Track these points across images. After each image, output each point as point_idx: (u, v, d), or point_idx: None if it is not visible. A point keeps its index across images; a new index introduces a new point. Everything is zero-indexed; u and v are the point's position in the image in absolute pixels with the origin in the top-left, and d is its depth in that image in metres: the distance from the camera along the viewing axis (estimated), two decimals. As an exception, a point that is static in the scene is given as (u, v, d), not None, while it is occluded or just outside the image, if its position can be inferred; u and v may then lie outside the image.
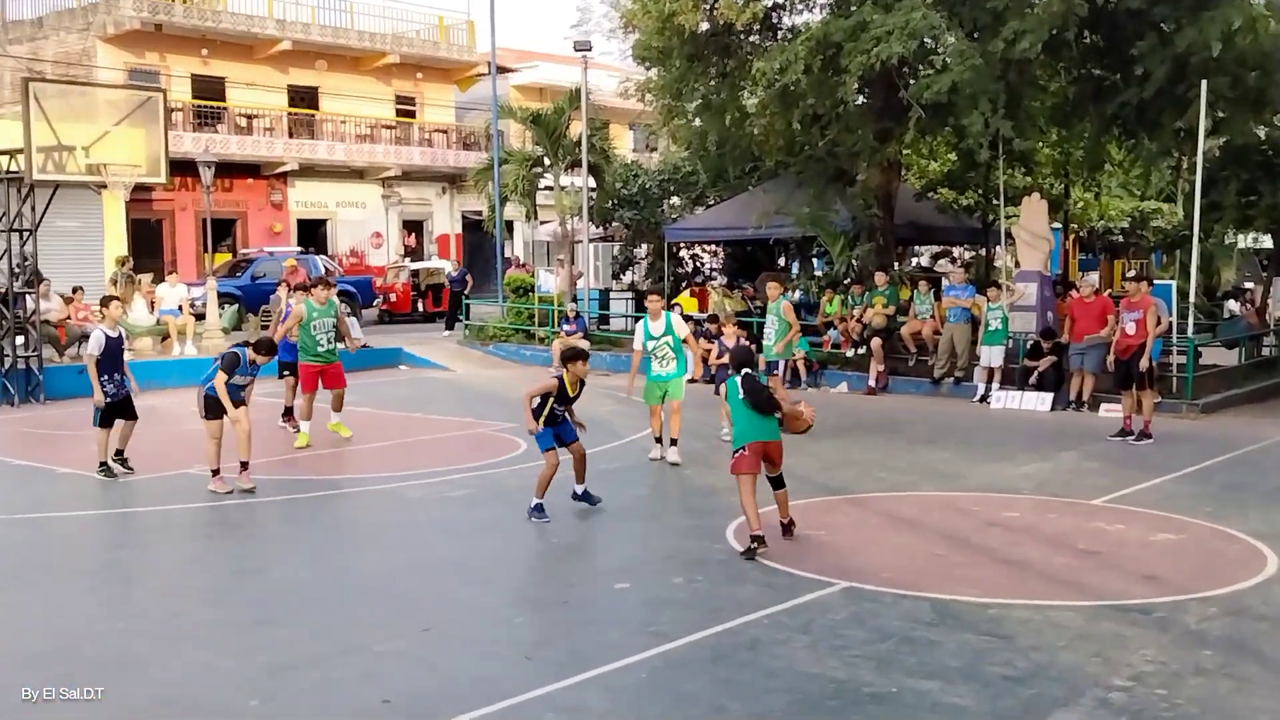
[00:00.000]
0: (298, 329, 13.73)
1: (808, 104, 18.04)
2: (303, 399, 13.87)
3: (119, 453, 11.81)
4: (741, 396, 8.79)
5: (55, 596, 7.88)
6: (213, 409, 10.62)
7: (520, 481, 11.49)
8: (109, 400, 11.51)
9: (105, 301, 12.41)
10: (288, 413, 14.66)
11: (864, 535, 9.29)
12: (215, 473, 10.78)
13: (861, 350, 19.20)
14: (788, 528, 9.05)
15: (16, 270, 17.26)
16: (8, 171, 16.84)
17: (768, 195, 21.91)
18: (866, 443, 13.77)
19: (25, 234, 17.19)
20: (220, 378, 10.51)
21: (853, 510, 10.22)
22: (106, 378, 11.59)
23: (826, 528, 9.50)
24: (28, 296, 17.55)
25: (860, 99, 19.12)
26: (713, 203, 26.70)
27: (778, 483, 8.99)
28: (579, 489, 10.28)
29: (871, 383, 18.43)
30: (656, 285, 24.68)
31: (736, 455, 8.71)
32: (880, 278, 19.53)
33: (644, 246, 28.70)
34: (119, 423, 11.80)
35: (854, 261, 20.68)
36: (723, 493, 10.89)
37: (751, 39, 20.09)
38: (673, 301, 24.85)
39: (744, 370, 9.01)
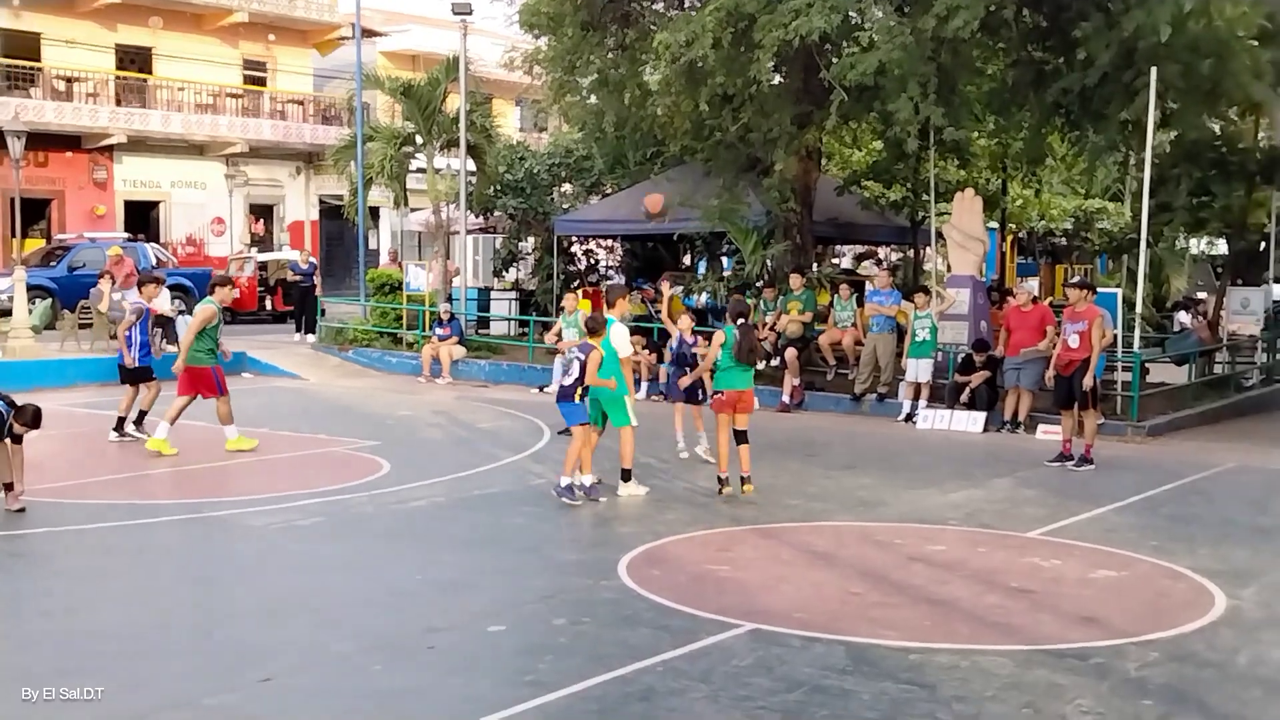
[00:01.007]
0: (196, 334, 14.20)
1: (717, 83, 18.20)
2: (183, 402, 14.37)
3: None
4: (735, 344, 11.79)
5: None
6: None
7: (379, 509, 11.39)
8: None
9: None
10: (120, 424, 15.04)
11: (773, 571, 9.35)
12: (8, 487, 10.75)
13: (774, 362, 19.37)
14: (746, 480, 11.94)
15: None
16: None
17: (672, 185, 22.07)
18: (778, 466, 13.86)
19: None
20: None
21: (761, 542, 10.29)
22: None
23: (731, 562, 9.55)
24: None
25: (776, 79, 19.33)
26: (610, 192, 26.79)
27: (741, 438, 11.91)
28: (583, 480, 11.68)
29: (785, 398, 18.61)
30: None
31: (715, 397, 12.21)
32: (796, 280, 19.76)
33: (530, 240, 28.65)
34: None
35: (768, 261, 20.90)
36: (613, 523, 10.91)
37: (655, 7, 20.25)
38: (562, 303, 24.90)
39: (740, 319, 12.03)
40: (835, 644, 7.47)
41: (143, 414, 15.22)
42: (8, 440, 10.71)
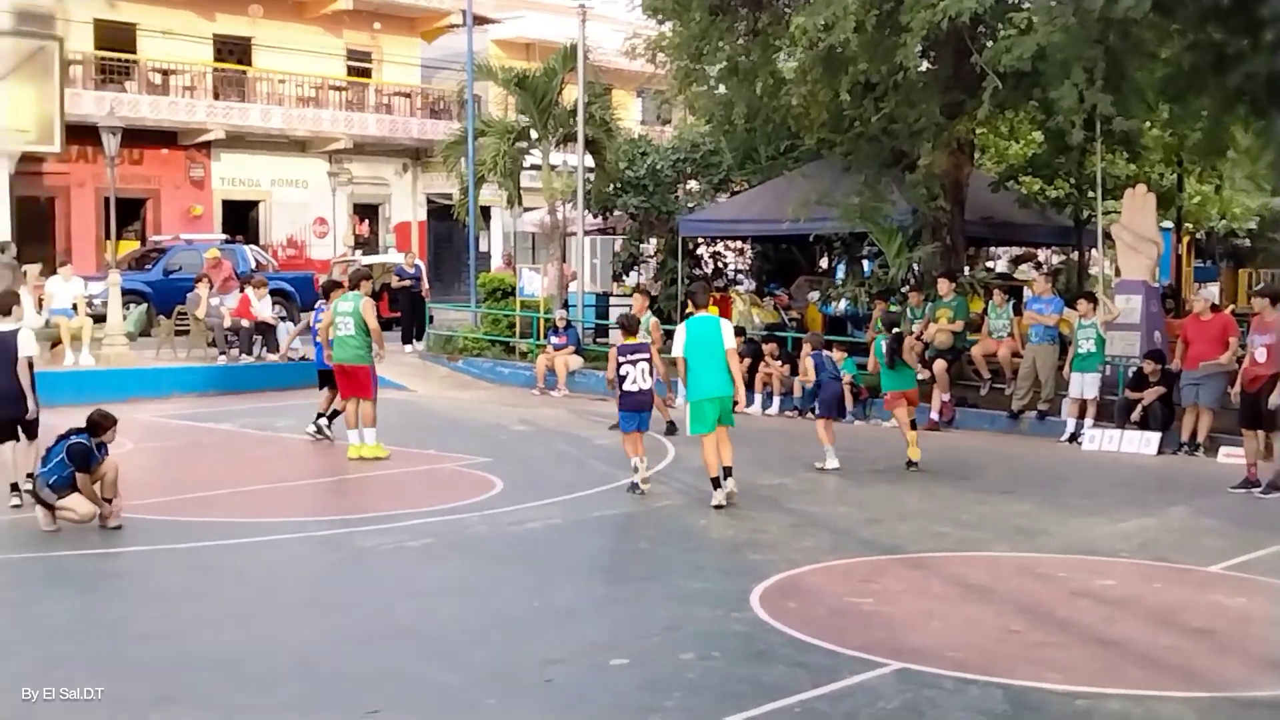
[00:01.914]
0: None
1: (858, 70, 18.08)
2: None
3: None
4: (886, 353, 14.72)
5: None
6: (64, 487, 11.00)
7: (491, 530, 11.52)
8: None
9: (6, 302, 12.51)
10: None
11: (922, 605, 9.26)
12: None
13: (923, 375, 19.19)
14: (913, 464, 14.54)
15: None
16: None
17: (807, 181, 21.95)
18: (927, 490, 13.75)
19: (-115, 212, 17.25)
20: (84, 481, 10.91)
21: (908, 574, 10.19)
22: None
23: (875, 595, 9.48)
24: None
25: (924, 65, 19.17)
26: (739, 189, 26.76)
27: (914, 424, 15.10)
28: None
29: (934, 415, 18.42)
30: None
31: (887, 396, 15.29)
32: (945, 285, 19.54)
33: (653, 242, 28.75)
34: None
35: (914, 265, 20.70)
36: (745, 549, 10.90)
37: (791, -12, 20.18)
38: (688, 310, 24.92)
39: (895, 329, 15.14)
40: (992, 687, 7.37)
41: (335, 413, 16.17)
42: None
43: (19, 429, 11.95)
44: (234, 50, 37.75)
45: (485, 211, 36.03)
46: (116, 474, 11.17)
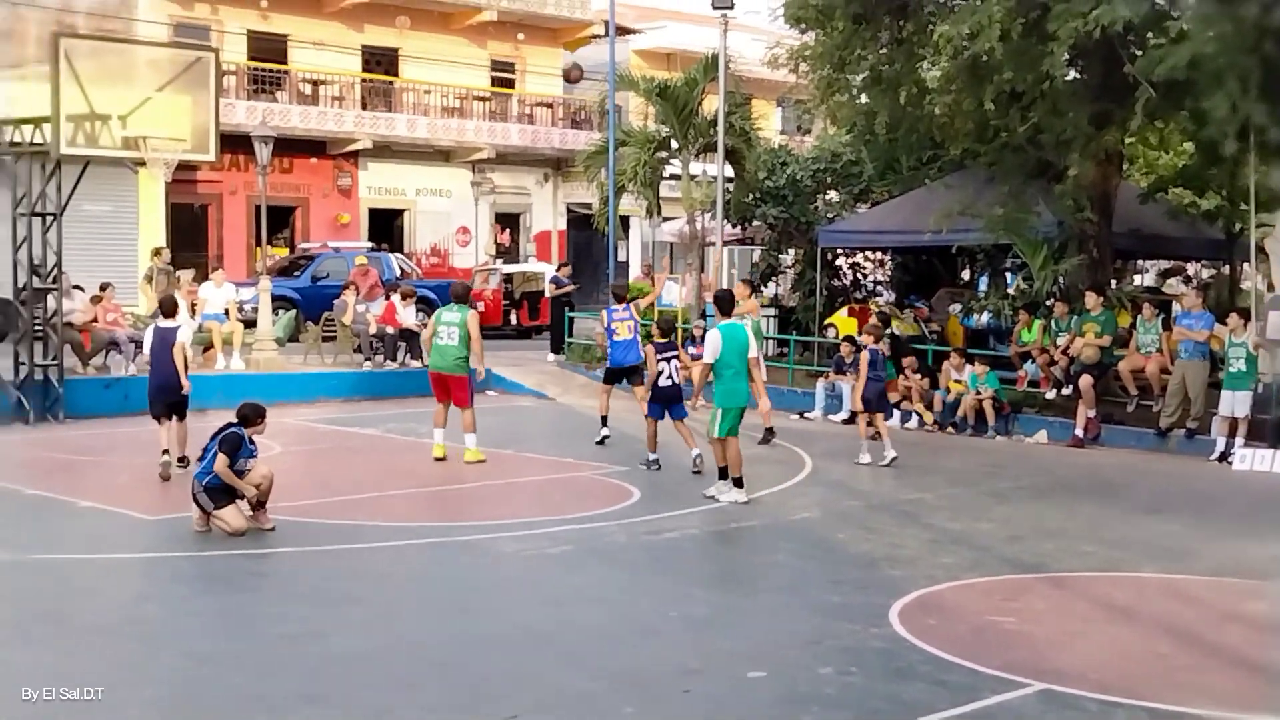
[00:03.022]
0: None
1: (1004, 79, 17.85)
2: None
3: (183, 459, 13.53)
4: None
5: (62, 656, 8.13)
6: (222, 497, 11.22)
7: (630, 539, 11.58)
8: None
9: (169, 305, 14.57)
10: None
11: (1065, 625, 9.11)
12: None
13: (1067, 390, 18.86)
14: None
15: (37, 263, 17.93)
16: (30, 143, 17.53)
17: (950, 192, 21.70)
18: (1070, 508, 13.53)
19: (49, 219, 17.87)
20: (222, 462, 11.10)
21: (1051, 593, 10.04)
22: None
23: (1017, 614, 9.35)
24: (49, 295, 18.20)
25: (1072, 74, 18.86)
26: (880, 200, 26.56)
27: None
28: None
29: (1079, 432, 18.10)
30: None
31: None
32: (1093, 299, 19.19)
33: (791, 252, 28.67)
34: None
35: (1059, 278, 20.35)
36: (883, 564, 10.82)
37: (935, -4, 20.00)
38: (827, 322, 24.82)
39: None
40: (1138, 710, 7.22)
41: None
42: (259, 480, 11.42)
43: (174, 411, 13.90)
44: (381, 61, 38.48)
45: (624, 221, 36.30)
46: (271, 484, 11.43)
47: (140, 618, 9.06)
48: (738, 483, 13.08)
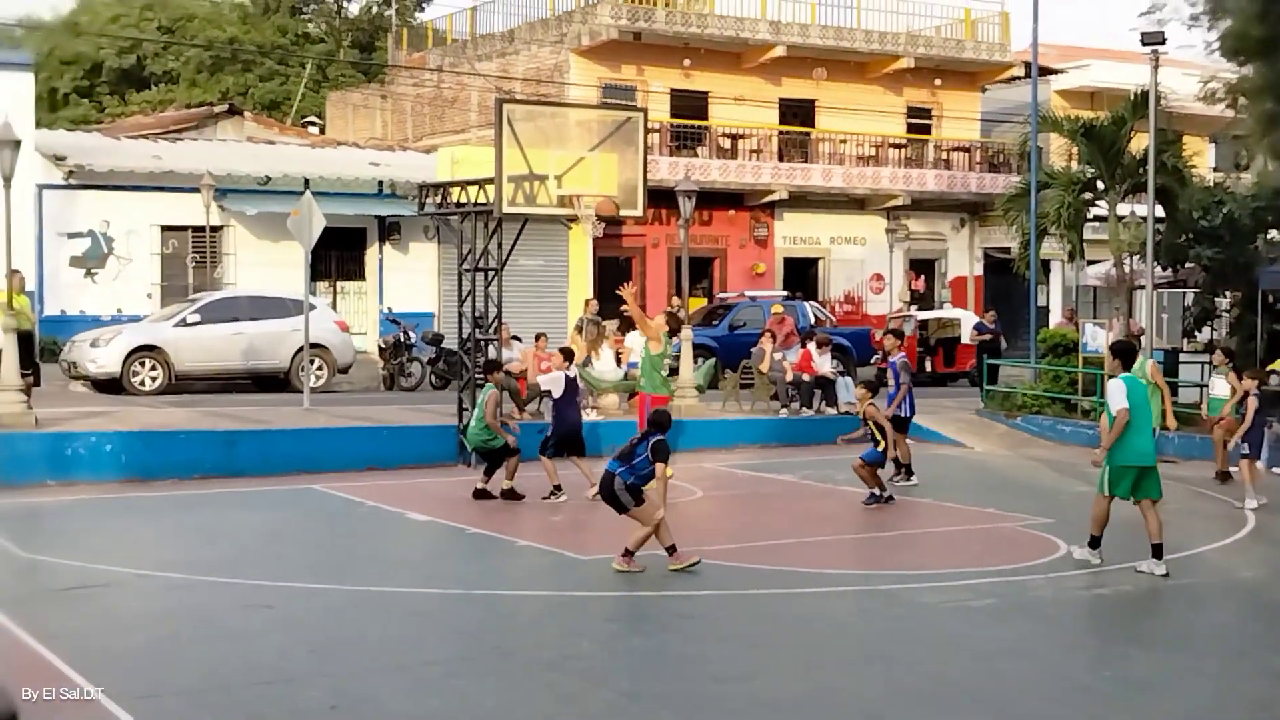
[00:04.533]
0: None
1: None
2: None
3: None
4: None
5: (510, 688, 8.59)
6: (638, 496, 11.74)
7: (1057, 594, 11.21)
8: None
9: (567, 354, 16.12)
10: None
11: None
12: (671, 550, 11.71)
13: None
14: None
15: (479, 315, 19.09)
16: (475, 204, 18.71)
17: None
18: None
19: (490, 274, 19.01)
20: (661, 470, 11.82)
21: None
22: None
23: None
24: (489, 345, 19.35)
25: None
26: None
27: None
28: None
29: None
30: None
31: None
32: None
33: (1227, 295, 27.14)
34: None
35: None
36: (1342, 629, 10.06)
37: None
38: (1269, 369, 23.31)
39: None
40: None
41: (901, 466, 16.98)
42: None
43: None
44: (798, 113, 38.97)
45: (1044, 265, 35.25)
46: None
47: (578, 654, 9.45)
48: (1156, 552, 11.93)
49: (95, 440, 17.62)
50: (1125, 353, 12.59)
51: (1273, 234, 26.36)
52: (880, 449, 15.21)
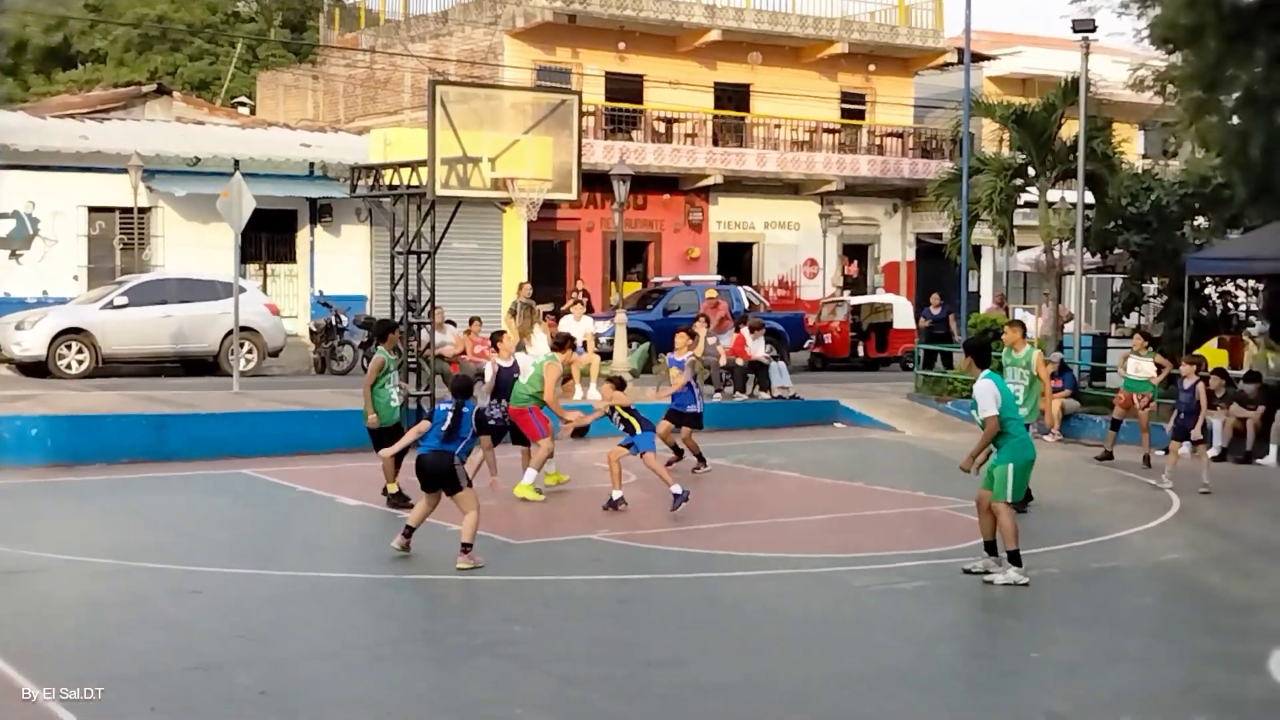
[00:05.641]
0: None
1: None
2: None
3: None
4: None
5: (441, 672, 8.57)
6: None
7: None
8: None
9: (495, 338, 15.71)
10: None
11: None
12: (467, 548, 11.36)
13: None
14: None
15: (412, 299, 18.98)
16: (408, 186, 18.60)
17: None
18: None
19: (423, 257, 18.91)
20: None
21: None
22: (494, 403, 14.85)
23: None
24: (422, 329, 19.24)
25: None
26: (1253, 225, 25.19)
27: None
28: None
29: None
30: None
31: None
32: None
33: (1155, 281, 27.50)
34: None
35: None
36: (1263, 610, 10.24)
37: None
38: (1195, 354, 23.66)
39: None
40: None
41: None
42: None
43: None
44: (733, 97, 38.99)
45: (976, 251, 35.54)
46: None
47: (511, 639, 9.41)
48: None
49: (21, 424, 17.36)
50: (979, 350, 11.80)
51: (1199, 221, 26.74)
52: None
